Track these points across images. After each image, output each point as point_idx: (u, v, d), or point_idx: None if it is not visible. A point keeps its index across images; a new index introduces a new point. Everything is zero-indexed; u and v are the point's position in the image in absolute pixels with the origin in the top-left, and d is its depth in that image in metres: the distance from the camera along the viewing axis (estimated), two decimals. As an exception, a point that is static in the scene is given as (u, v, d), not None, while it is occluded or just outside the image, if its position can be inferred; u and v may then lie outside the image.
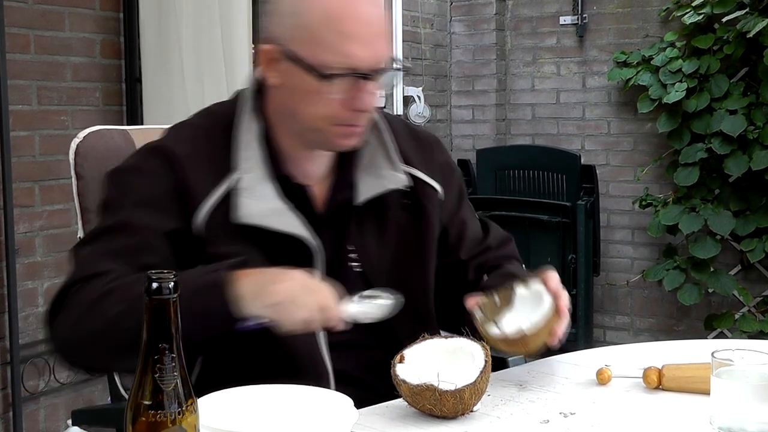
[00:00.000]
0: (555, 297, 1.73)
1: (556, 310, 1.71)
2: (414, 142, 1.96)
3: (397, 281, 1.81)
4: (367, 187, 1.84)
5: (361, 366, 1.80)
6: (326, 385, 1.74)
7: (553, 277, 1.77)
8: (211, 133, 1.80)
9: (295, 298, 1.56)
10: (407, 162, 1.90)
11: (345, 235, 1.84)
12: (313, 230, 1.77)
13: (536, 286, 1.76)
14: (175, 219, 1.72)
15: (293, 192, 1.78)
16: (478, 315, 1.76)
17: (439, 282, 1.95)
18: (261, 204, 1.73)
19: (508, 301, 1.77)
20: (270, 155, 1.78)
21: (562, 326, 1.75)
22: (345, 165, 1.86)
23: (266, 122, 1.81)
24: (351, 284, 1.76)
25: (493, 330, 1.71)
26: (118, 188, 1.76)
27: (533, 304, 1.74)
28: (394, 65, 1.77)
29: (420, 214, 1.90)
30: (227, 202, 1.72)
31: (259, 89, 1.83)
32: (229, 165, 1.75)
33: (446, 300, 1.94)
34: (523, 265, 2.07)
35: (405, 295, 1.75)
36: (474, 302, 1.79)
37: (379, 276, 1.83)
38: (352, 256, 1.85)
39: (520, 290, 1.77)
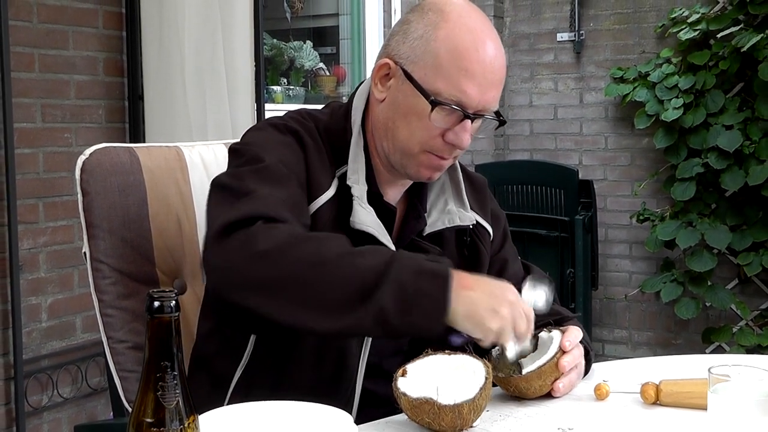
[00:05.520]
0: (562, 351, 1.74)
1: (557, 364, 1.73)
2: (468, 184, 2.01)
3: None
4: (434, 220, 1.89)
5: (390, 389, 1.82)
6: (351, 406, 1.77)
7: (572, 333, 1.78)
8: (321, 135, 1.83)
9: (513, 323, 1.59)
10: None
11: None
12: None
13: (556, 334, 1.78)
14: (305, 193, 1.74)
15: (383, 211, 1.82)
16: (494, 352, 1.78)
17: None
18: (371, 215, 1.77)
19: (532, 345, 1.79)
20: (366, 172, 1.83)
21: (565, 381, 1.75)
22: (418, 195, 1.92)
23: (364, 139, 1.85)
24: None
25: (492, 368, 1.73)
26: (261, 149, 1.74)
27: (546, 351, 1.76)
28: (497, 116, 1.81)
29: (475, 253, 1.95)
30: (334, 203, 1.76)
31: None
32: (333, 169, 1.79)
33: None
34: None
35: None
36: None
37: None
38: None
39: (543, 335, 1.79)
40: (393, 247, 1.77)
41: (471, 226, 1.93)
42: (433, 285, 1.54)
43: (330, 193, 1.76)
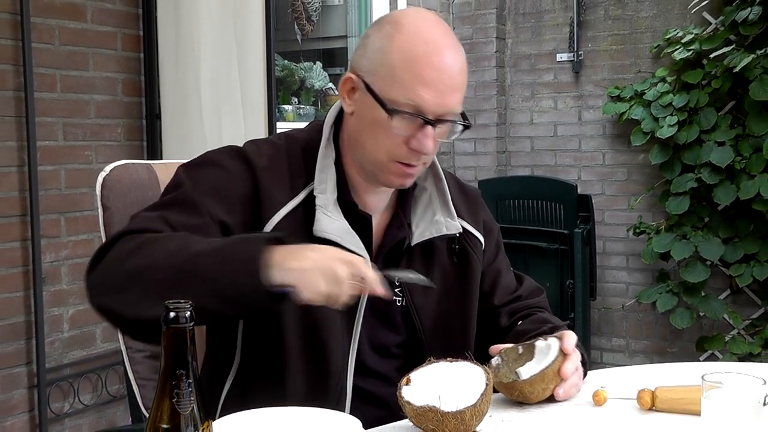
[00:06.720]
0: (563, 356, 1.74)
1: (558, 369, 1.73)
2: (462, 195, 2.01)
3: (439, 321, 1.87)
4: (422, 230, 1.88)
5: (386, 390, 1.81)
6: (343, 404, 1.76)
7: (570, 337, 1.78)
8: (289, 152, 1.82)
9: (324, 267, 1.51)
10: (457, 212, 1.94)
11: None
12: (370, 258, 1.80)
13: (553, 341, 1.77)
14: (239, 219, 1.72)
15: (358, 219, 1.81)
16: (494, 361, 1.78)
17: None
18: (335, 222, 1.75)
19: (530, 353, 1.79)
20: (338, 182, 1.81)
21: (565, 386, 1.75)
22: (402, 205, 1.91)
23: (338, 151, 1.84)
24: (393, 318, 1.86)
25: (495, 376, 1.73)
26: (192, 175, 1.76)
27: (546, 357, 1.76)
28: (461, 120, 1.78)
29: (466, 261, 1.94)
30: (298, 215, 1.75)
31: (336, 121, 1.87)
32: (303, 182, 1.78)
33: (479, 344, 1.95)
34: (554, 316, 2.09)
35: (446, 335, 1.82)
36: (497, 349, 1.82)
37: (422, 313, 1.86)
38: (397, 291, 1.87)
39: (539, 343, 1.79)
40: (366, 256, 1.77)
41: (459, 234, 1.92)
42: (247, 245, 1.54)
43: (290, 207, 1.75)
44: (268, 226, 1.72)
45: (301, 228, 1.74)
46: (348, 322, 1.78)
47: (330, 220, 1.75)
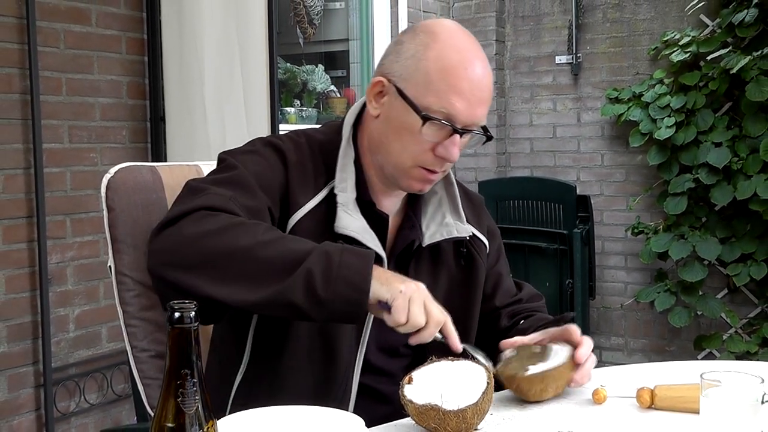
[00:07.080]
0: (572, 365, 1.75)
1: (571, 361, 1.74)
2: (467, 201, 2.02)
3: None
4: (432, 232, 1.89)
5: (392, 388, 1.81)
6: (347, 402, 1.77)
7: (585, 347, 1.78)
8: (311, 150, 1.83)
9: (423, 299, 1.59)
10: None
11: (405, 271, 1.86)
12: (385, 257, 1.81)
13: (567, 348, 1.78)
14: (277, 207, 1.74)
15: (375, 218, 1.82)
16: (509, 352, 1.79)
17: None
18: (356, 221, 1.77)
19: (545, 354, 1.79)
20: (357, 182, 1.82)
21: (581, 372, 1.76)
22: (413, 208, 1.92)
23: (356, 152, 1.85)
24: None
25: (499, 369, 1.73)
26: (239, 160, 1.76)
27: (555, 360, 1.76)
28: (484, 131, 1.81)
29: (472, 264, 1.96)
30: (319, 212, 1.76)
31: (355, 122, 1.88)
32: (323, 181, 1.80)
33: (478, 344, 1.95)
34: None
35: None
36: (511, 343, 1.83)
37: None
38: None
39: (555, 346, 1.79)
40: (383, 253, 1.78)
41: (468, 238, 1.93)
42: (357, 259, 1.56)
43: (312, 204, 1.76)
44: (292, 220, 1.74)
45: (323, 224, 1.75)
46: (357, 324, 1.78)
47: (351, 219, 1.76)
